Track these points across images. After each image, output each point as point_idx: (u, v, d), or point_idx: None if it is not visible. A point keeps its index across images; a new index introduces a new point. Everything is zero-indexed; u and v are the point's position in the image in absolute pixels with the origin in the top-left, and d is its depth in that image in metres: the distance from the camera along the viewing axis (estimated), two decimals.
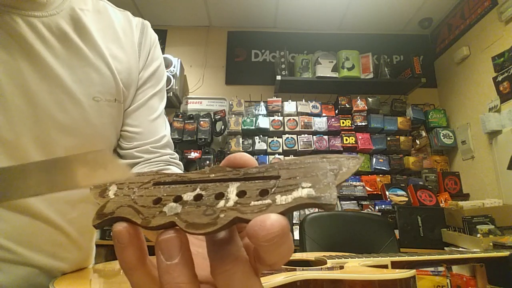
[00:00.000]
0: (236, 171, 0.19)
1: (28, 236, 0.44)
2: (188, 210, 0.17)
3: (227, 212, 0.16)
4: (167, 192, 0.19)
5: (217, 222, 0.16)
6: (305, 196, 0.16)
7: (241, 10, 2.70)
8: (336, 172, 0.16)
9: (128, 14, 0.57)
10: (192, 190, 0.18)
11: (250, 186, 0.17)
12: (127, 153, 0.54)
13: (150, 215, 0.18)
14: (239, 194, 0.17)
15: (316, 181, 0.16)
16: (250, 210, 0.16)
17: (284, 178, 0.17)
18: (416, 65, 2.55)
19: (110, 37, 0.51)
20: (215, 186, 0.18)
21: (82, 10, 0.48)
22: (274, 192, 0.16)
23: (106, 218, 0.19)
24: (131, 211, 0.18)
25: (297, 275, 0.46)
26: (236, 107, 2.59)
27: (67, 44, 0.45)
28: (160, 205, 0.18)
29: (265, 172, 0.18)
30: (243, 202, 0.17)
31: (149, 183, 0.20)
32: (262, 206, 0.16)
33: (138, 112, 0.55)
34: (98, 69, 0.48)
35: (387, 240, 1.41)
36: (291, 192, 0.16)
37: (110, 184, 0.21)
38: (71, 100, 0.45)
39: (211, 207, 0.17)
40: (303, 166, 0.17)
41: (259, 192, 0.17)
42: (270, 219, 0.14)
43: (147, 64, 0.57)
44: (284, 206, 0.16)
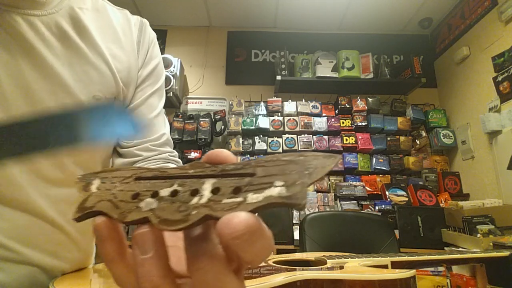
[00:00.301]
0: (214, 167, 0.19)
1: (29, 235, 0.44)
2: (163, 206, 0.18)
3: (199, 209, 0.17)
4: (147, 187, 0.19)
5: (188, 219, 0.16)
6: (276, 195, 0.16)
7: (241, 10, 2.70)
8: (311, 171, 0.16)
9: (126, 12, 0.57)
10: (169, 186, 0.19)
11: (225, 183, 0.18)
12: (126, 152, 0.54)
13: (127, 210, 0.18)
14: (214, 191, 0.17)
15: (290, 179, 0.16)
16: (221, 208, 0.16)
17: (259, 176, 0.17)
18: (416, 65, 2.55)
19: (109, 35, 0.51)
20: (192, 182, 0.18)
21: (81, 9, 0.48)
22: (247, 190, 0.17)
23: (86, 212, 0.19)
24: (109, 206, 0.19)
25: (297, 275, 0.46)
26: (236, 107, 2.59)
27: (67, 43, 0.46)
28: (138, 200, 0.19)
29: (242, 169, 0.18)
30: (216, 199, 0.17)
31: (130, 178, 0.20)
32: (233, 204, 0.16)
33: (138, 111, 0.55)
34: (97, 68, 0.48)
35: (387, 240, 1.41)
36: (263, 191, 0.16)
37: (95, 177, 0.21)
38: (71, 99, 0.45)
39: (185, 204, 0.17)
40: (280, 163, 0.17)
41: (233, 189, 0.17)
42: (236, 218, 0.15)
43: (146, 62, 0.57)
44: (254, 204, 0.16)
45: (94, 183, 0.21)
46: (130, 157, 0.54)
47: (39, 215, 0.44)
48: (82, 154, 0.49)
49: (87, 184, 0.21)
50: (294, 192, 0.16)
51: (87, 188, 0.21)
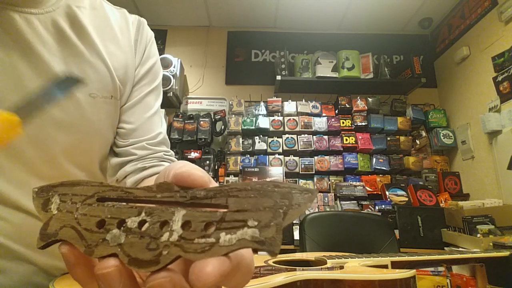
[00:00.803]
0: (183, 192, 0.18)
1: (25, 234, 0.44)
2: (131, 241, 0.17)
3: (170, 248, 0.16)
4: (111, 213, 0.18)
5: (159, 260, 0.16)
6: (249, 238, 0.16)
7: (241, 10, 2.70)
8: (285, 210, 0.16)
9: (124, 11, 0.57)
10: (137, 214, 0.18)
11: (196, 216, 0.17)
12: (122, 151, 0.54)
13: (93, 243, 0.17)
14: (184, 225, 0.17)
15: (264, 219, 0.16)
16: (193, 249, 0.16)
17: (232, 210, 0.16)
18: (416, 65, 2.55)
19: (107, 34, 0.51)
20: (160, 211, 0.18)
21: (78, 7, 0.48)
22: (219, 228, 0.16)
23: (50, 241, 0.18)
24: (74, 235, 0.18)
25: (297, 275, 0.46)
26: (236, 107, 2.59)
27: (63, 41, 0.46)
28: (104, 230, 0.18)
29: (213, 198, 0.17)
30: (187, 237, 0.16)
31: (92, 198, 0.19)
32: (206, 246, 0.16)
33: (134, 109, 0.55)
34: (94, 66, 0.48)
35: (387, 240, 1.41)
36: (236, 231, 0.16)
37: (53, 193, 0.20)
38: (67, 97, 0.45)
39: (154, 240, 0.17)
40: (253, 195, 0.17)
41: (204, 225, 0.16)
42: (206, 269, 0.15)
43: (143, 61, 0.57)
44: (228, 248, 0.15)
45: (53, 200, 0.19)
46: (126, 156, 0.54)
47: (32, 214, 0.44)
48: (78, 153, 0.48)
49: (45, 201, 0.20)
50: (267, 236, 0.15)
51: (46, 208, 0.20)
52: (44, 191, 0.20)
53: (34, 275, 0.45)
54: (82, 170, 0.49)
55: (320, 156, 2.45)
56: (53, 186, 0.20)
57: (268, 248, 0.15)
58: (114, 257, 0.17)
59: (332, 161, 2.44)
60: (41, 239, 0.19)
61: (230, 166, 2.40)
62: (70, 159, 0.47)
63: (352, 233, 1.44)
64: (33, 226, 0.45)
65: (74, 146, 0.47)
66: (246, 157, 2.44)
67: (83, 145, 0.48)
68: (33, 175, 0.44)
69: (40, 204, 0.20)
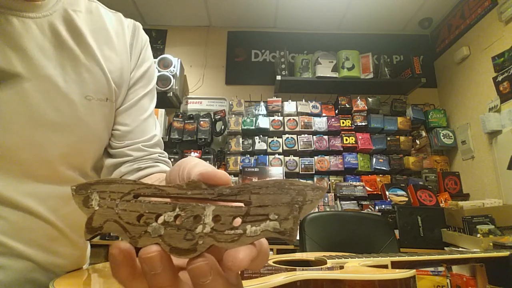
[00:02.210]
0: (210, 190, 0.21)
1: (22, 231, 0.44)
2: (170, 233, 0.20)
3: (204, 238, 0.19)
4: (148, 208, 0.21)
5: (196, 249, 0.19)
6: (271, 229, 0.19)
7: (241, 10, 2.70)
8: (300, 205, 0.19)
9: (120, 15, 0.58)
10: (171, 210, 0.20)
11: (224, 211, 0.20)
12: (117, 152, 0.55)
13: (137, 235, 0.20)
14: (214, 219, 0.20)
15: (283, 213, 0.19)
16: (225, 239, 0.19)
17: (255, 206, 0.19)
18: (416, 65, 2.55)
19: (102, 37, 0.52)
20: (192, 206, 0.20)
21: (75, 11, 0.49)
22: (245, 221, 0.19)
23: (96, 234, 0.21)
24: (118, 228, 0.20)
25: (297, 275, 0.46)
26: (236, 107, 2.59)
27: (60, 45, 0.46)
28: (143, 223, 0.20)
29: (238, 195, 0.20)
30: (218, 229, 0.19)
31: (129, 195, 0.21)
32: (235, 236, 0.19)
33: (130, 112, 0.56)
34: (90, 69, 0.49)
35: (387, 240, 1.41)
36: (260, 224, 0.19)
37: (92, 191, 0.21)
38: (63, 99, 0.46)
39: (190, 232, 0.19)
40: (272, 192, 0.19)
41: (232, 219, 0.19)
42: (239, 256, 0.18)
43: (138, 65, 0.58)
44: (254, 238, 0.19)
45: (93, 198, 0.21)
46: (121, 157, 0.55)
47: (29, 212, 0.45)
48: (73, 155, 0.49)
49: (85, 198, 0.21)
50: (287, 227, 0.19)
51: (87, 204, 0.21)
52: (82, 188, 0.22)
53: (32, 272, 0.45)
54: (75, 171, 0.50)
55: (320, 156, 2.45)
56: (90, 184, 0.22)
57: (287, 238, 0.18)
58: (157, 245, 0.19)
59: (332, 161, 2.44)
60: (88, 232, 0.21)
61: (230, 166, 2.40)
62: (65, 161, 0.48)
63: (352, 233, 1.44)
64: (31, 223, 0.45)
65: (70, 148, 0.47)
66: (246, 157, 2.44)
67: (78, 147, 0.49)
68: (28, 176, 0.44)
69: (81, 201, 0.21)
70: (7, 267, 0.43)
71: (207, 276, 0.18)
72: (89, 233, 0.21)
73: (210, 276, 0.18)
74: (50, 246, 0.48)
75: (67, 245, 0.50)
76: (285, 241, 0.19)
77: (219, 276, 0.19)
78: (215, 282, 0.18)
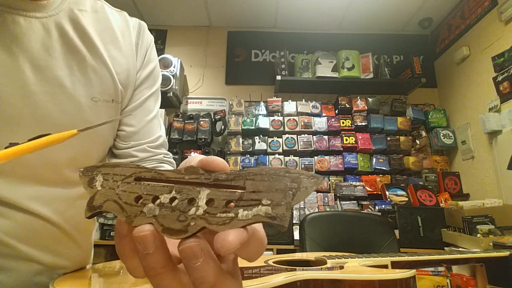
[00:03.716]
0: (208, 175, 0.21)
1: (28, 233, 0.44)
2: (164, 214, 0.20)
3: (197, 220, 0.19)
4: (147, 190, 0.21)
5: (188, 230, 0.19)
6: (263, 214, 0.18)
7: (241, 10, 2.70)
8: (294, 191, 0.19)
9: (125, 14, 0.57)
10: (168, 192, 0.21)
11: (218, 195, 0.20)
12: (123, 153, 0.55)
13: (133, 214, 0.20)
14: (208, 202, 0.20)
15: (276, 199, 0.19)
16: (216, 222, 0.19)
17: (249, 191, 0.19)
18: (416, 65, 2.55)
19: (108, 37, 0.51)
20: (188, 190, 0.21)
21: (80, 11, 0.48)
22: (238, 205, 0.19)
23: (96, 212, 0.21)
24: (116, 207, 0.21)
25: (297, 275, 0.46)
26: (236, 107, 2.59)
27: (67, 45, 0.46)
28: (141, 204, 0.21)
29: (233, 181, 0.20)
30: (211, 211, 0.19)
31: (130, 177, 0.22)
32: (226, 219, 0.19)
33: (136, 113, 0.56)
34: (96, 70, 0.48)
35: (387, 240, 1.41)
36: (252, 208, 0.19)
37: (97, 172, 0.23)
38: (70, 101, 0.45)
39: (183, 213, 0.20)
40: (267, 179, 0.19)
41: (225, 202, 0.19)
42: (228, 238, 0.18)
43: (144, 65, 0.57)
44: (245, 221, 0.18)
45: (97, 179, 0.22)
46: (126, 158, 0.55)
47: (34, 215, 0.44)
48: (79, 157, 0.48)
49: (90, 179, 0.23)
50: (278, 213, 0.18)
51: (91, 185, 0.22)
52: (89, 170, 0.23)
53: (36, 275, 0.45)
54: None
55: (320, 156, 2.45)
56: (96, 167, 0.23)
57: (278, 223, 0.18)
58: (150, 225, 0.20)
59: (332, 161, 2.44)
60: (89, 210, 0.22)
61: (230, 166, 2.39)
62: (71, 164, 0.48)
63: (352, 233, 1.44)
64: (37, 226, 0.45)
65: (76, 150, 0.47)
66: (246, 157, 2.44)
67: (85, 150, 0.49)
68: (33, 179, 0.44)
69: (86, 181, 0.23)
70: (12, 269, 0.43)
71: (198, 258, 0.18)
72: (89, 210, 0.21)
73: (200, 258, 0.18)
74: (55, 248, 0.48)
75: (72, 246, 0.50)
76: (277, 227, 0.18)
77: (210, 259, 0.19)
78: (206, 265, 0.18)
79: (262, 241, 0.22)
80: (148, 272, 0.20)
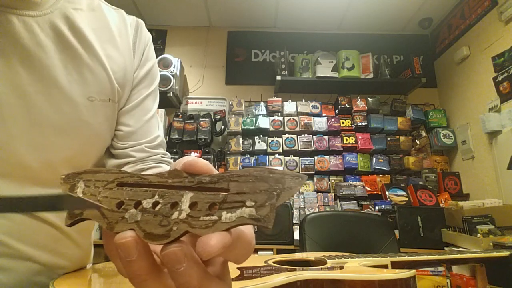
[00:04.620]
0: (191, 178, 0.21)
1: (28, 233, 0.44)
2: (146, 219, 0.20)
3: (179, 224, 0.19)
4: (129, 195, 0.21)
5: (170, 234, 0.19)
6: (247, 216, 0.18)
7: (241, 10, 2.70)
8: (278, 192, 0.18)
9: (122, 12, 0.57)
10: (151, 197, 0.20)
11: (202, 198, 0.19)
12: (121, 153, 0.54)
13: (114, 220, 0.20)
14: (191, 206, 0.19)
15: (260, 200, 0.18)
16: (199, 225, 0.18)
17: (232, 193, 0.19)
18: (416, 65, 2.55)
19: (105, 36, 0.51)
20: (171, 194, 0.20)
21: (76, 9, 0.48)
22: (222, 208, 0.19)
23: (77, 219, 0.21)
24: (97, 214, 0.21)
25: (297, 275, 0.46)
26: (236, 107, 2.59)
27: (62, 43, 0.45)
28: (123, 210, 0.20)
29: (217, 183, 0.20)
30: (194, 215, 0.19)
31: (113, 183, 0.21)
32: (209, 222, 0.18)
33: (133, 112, 0.55)
34: (92, 69, 0.48)
35: (387, 240, 1.41)
36: (236, 210, 0.18)
37: (78, 179, 0.22)
38: (66, 101, 0.45)
39: (166, 218, 0.19)
40: (251, 180, 0.19)
41: (208, 205, 0.19)
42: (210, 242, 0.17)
43: (142, 64, 0.57)
44: (228, 224, 0.18)
45: (79, 185, 0.22)
46: (124, 158, 0.54)
47: (33, 215, 0.44)
48: (77, 156, 0.48)
49: (72, 186, 0.22)
50: (263, 214, 0.18)
51: (73, 191, 0.22)
52: (70, 177, 0.22)
53: (35, 275, 0.45)
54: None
55: (320, 156, 2.45)
56: (78, 174, 0.22)
57: (262, 224, 0.18)
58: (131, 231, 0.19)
59: (332, 161, 2.44)
60: (69, 218, 0.21)
61: (230, 166, 2.40)
62: (68, 164, 0.47)
63: (352, 233, 1.44)
64: (36, 225, 0.45)
65: (74, 150, 0.47)
66: (246, 157, 2.44)
67: (82, 149, 0.48)
68: (31, 180, 0.44)
69: (68, 188, 0.22)
70: (11, 269, 0.43)
71: (181, 263, 0.18)
72: (69, 218, 0.21)
73: (184, 263, 0.18)
74: (54, 248, 0.47)
75: (71, 246, 0.50)
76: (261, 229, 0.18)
77: (194, 263, 0.18)
78: (190, 270, 0.18)
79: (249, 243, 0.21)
80: (133, 280, 0.19)
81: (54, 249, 0.47)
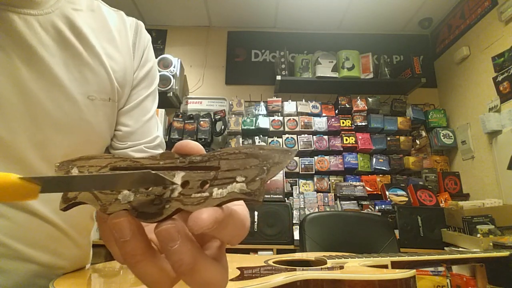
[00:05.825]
0: (182, 158, 0.21)
1: (27, 233, 0.44)
2: (139, 199, 0.20)
3: (171, 203, 0.19)
4: None
5: (163, 212, 0.19)
6: (238, 191, 0.18)
7: (241, 10, 2.70)
8: (268, 167, 0.19)
9: (122, 14, 0.57)
10: None
11: (193, 176, 0.20)
12: (120, 153, 0.55)
13: (107, 202, 0.20)
14: (183, 184, 0.20)
15: (250, 174, 0.19)
16: (191, 202, 0.19)
17: (223, 170, 0.19)
18: (416, 65, 2.55)
19: (105, 36, 0.51)
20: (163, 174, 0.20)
21: (75, 10, 0.48)
22: (213, 185, 0.19)
23: (71, 203, 0.21)
24: (90, 197, 0.21)
25: (297, 275, 0.46)
26: (236, 107, 2.59)
27: (62, 42, 0.45)
28: (116, 192, 0.20)
29: (208, 162, 0.20)
30: (185, 193, 0.19)
31: (106, 168, 0.22)
32: (201, 199, 0.19)
33: (133, 112, 0.56)
34: (93, 68, 0.48)
35: (387, 240, 1.41)
36: (226, 186, 0.19)
37: (72, 166, 0.22)
38: (67, 99, 0.45)
39: (158, 197, 0.20)
40: (241, 157, 0.19)
41: (200, 183, 0.19)
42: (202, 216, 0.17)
43: (141, 65, 0.57)
44: (220, 199, 0.18)
45: (73, 172, 0.22)
46: None
47: (35, 214, 0.44)
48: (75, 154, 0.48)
49: (66, 173, 0.22)
50: (253, 188, 0.18)
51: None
52: (64, 165, 0.23)
53: (35, 276, 0.45)
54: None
55: (320, 156, 2.45)
56: (72, 161, 0.23)
57: (253, 198, 0.18)
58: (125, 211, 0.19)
59: (332, 161, 2.44)
60: (64, 201, 0.21)
61: None
62: None
63: (352, 233, 1.44)
64: (35, 225, 0.45)
65: (73, 148, 0.47)
66: None
67: (81, 148, 0.48)
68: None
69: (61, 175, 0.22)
70: (11, 271, 0.42)
71: (175, 240, 0.18)
72: (64, 202, 0.21)
73: (178, 240, 0.18)
74: (54, 248, 0.47)
75: (70, 246, 0.50)
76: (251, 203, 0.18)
77: (188, 241, 0.18)
78: (184, 247, 0.18)
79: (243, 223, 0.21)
80: (128, 261, 0.19)
81: (54, 249, 0.47)
